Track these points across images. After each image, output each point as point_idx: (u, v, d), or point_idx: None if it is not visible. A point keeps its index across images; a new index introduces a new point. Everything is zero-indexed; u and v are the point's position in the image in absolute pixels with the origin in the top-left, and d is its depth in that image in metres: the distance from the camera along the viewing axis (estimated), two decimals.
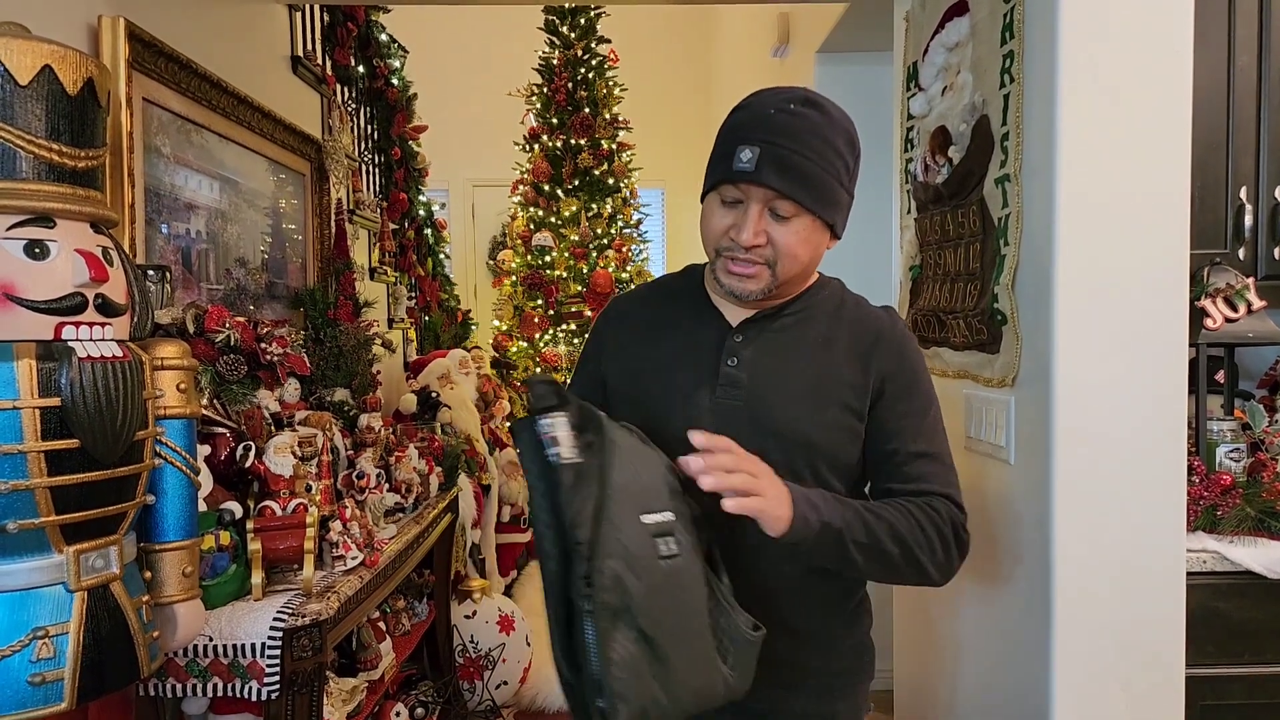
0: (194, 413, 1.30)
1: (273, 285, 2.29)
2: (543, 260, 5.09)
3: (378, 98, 3.45)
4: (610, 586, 0.89)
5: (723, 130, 1.06)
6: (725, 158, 1.02)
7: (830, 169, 1.02)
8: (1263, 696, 1.47)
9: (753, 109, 1.04)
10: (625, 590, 0.89)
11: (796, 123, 1.00)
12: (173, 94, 1.78)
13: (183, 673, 1.41)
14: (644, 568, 0.90)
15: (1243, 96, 1.78)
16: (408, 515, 2.19)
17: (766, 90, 1.06)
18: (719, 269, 1.07)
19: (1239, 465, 1.63)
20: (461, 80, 6.20)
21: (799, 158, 0.99)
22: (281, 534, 1.51)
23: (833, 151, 1.02)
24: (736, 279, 1.06)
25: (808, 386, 1.08)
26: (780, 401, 1.07)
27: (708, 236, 1.08)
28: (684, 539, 0.94)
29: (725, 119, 1.07)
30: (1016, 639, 1.46)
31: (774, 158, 0.99)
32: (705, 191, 1.08)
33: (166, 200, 1.77)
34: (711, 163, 1.06)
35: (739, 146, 1.00)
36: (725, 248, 1.05)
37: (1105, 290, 1.34)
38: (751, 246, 1.02)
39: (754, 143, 0.99)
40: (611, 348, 1.20)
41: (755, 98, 1.06)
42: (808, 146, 1.00)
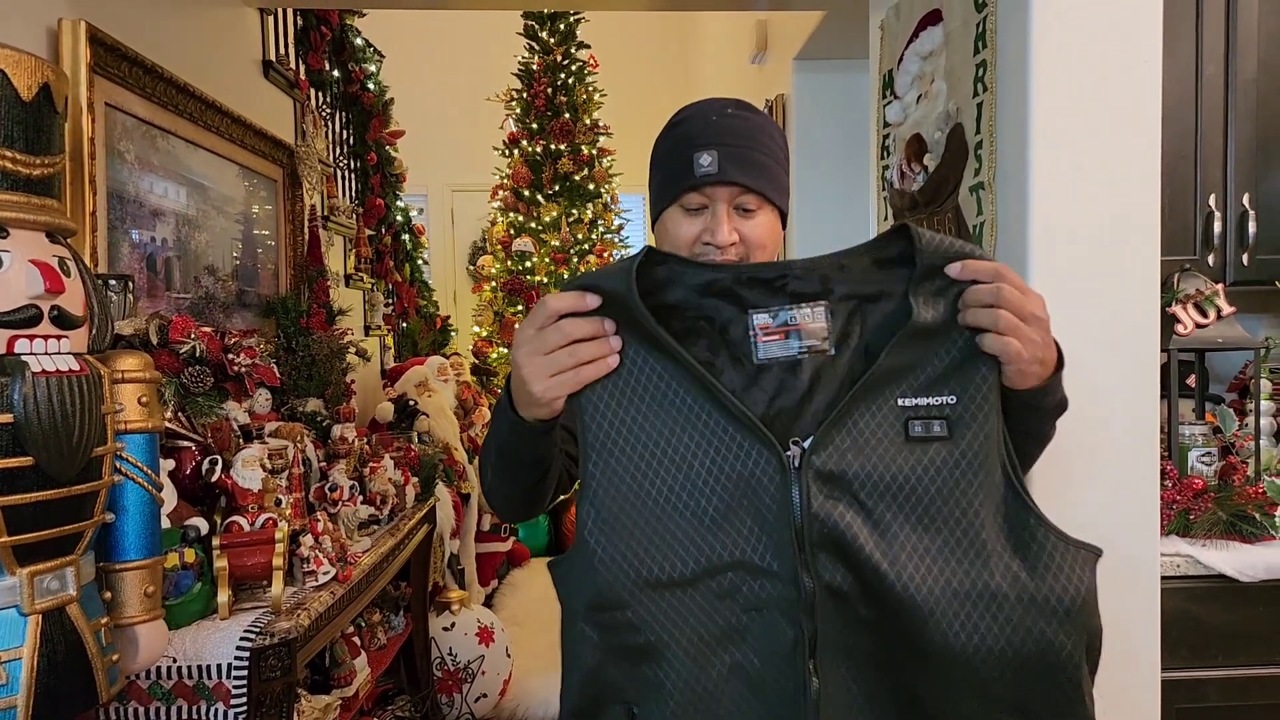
0: (156, 427, 1.27)
1: (243, 294, 2.26)
2: (523, 266, 5.07)
3: (353, 103, 3.42)
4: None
5: (666, 148, 1.06)
6: (683, 167, 1.02)
7: (779, 161, 1.06)
8: (1237, 699, 1.48)
9: (692, 120, 1.05)
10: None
11: (741, 123, 1.03)
12: (137, 99, 1.75)
13: (145, 696, 1.38)
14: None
15: (1211, 105, 1.80)
16: (383, 528, 2.16)
17: (694, 104, 1.08)
18: None
19: (1210, 469, 1.64)
20: (440, 85, 6.17)
21: (755, 154, 1.02)
22: (249, 550, 1.47)
23: (776, 146, 1.06)
24: None
25: None
26: None
27: (676, 247, 1.06)
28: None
29: (661, 140, 1.08)
30: None
31: (733, 157, 1.01)
32: (664, 208, 1.07)
33: (131, 207, 1.74)
34: (665, 179, 1.06)
35: (695, 154, 1.01)
36: (698, 254, 1.05)
37: (1078, 297, 1.34)
38: (727, 245, 1.03)
39: (709, 147, 1.01)
40: None
41: (687, 113, 1.07)
42: (758, 143, 1.03)
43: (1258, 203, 1.83)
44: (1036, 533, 0.79)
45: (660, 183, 1.07)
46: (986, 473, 0.79)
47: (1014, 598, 0.77)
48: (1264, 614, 1.48)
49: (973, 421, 0.79)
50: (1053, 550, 0.78)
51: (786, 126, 3.19)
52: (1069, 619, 0.77)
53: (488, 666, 2.83)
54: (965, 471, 0.79)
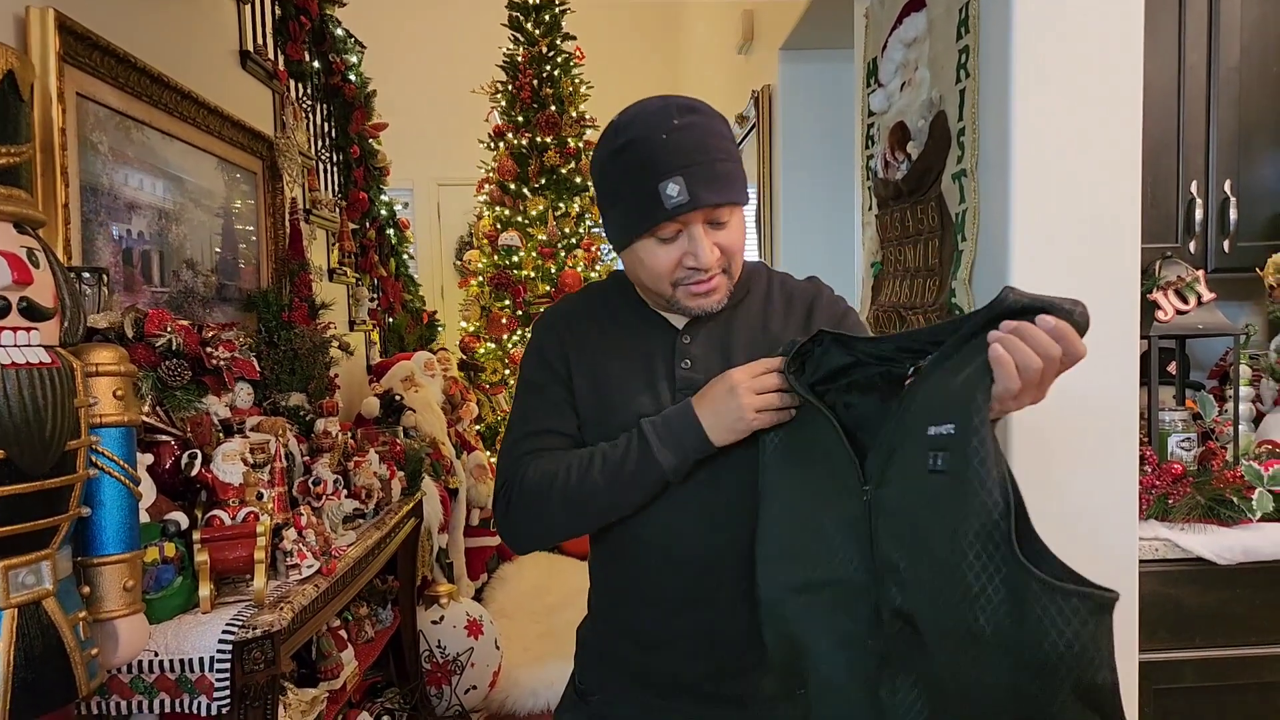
0: (132, 420, 1.25)
1: (224, 288, 2.24)
2: (510, 260, 5.04)
3: (335, 94, 3.39)
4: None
5: (621, 174, 1.01)
6: (650, 200, 0.98)
7: (734, 156, 1.04)
8: (1214, 679, 1.50)
9: (645, 143, 0.99)
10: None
11: (693, 134, 0.99)
12: (110, 89, 1.73)
13: (127, 690, 1.37)
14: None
15: (1193, 93, 1.81)
16: (368, 521, 2.15)
17: (632, 122, 1.01)
18: (680, 297, 1.06)
19: (1190, 455, 1.65)
20: (424, 78, 6.13)
21: (716, 165, 0.99)
22: (231, 544, 1.46)
23: (728, 141, 1.03)
24: (702, 299, 1.06)
25: None
26: None
27: (657, 276, 1.04)
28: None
29: (610, 163, 1.03)
30: None
31: (699, 178, 0.98)
32: (634, 239, 1.03)
33: (105, 199, 1.72)
34: (631, 212, 1.01)
35: (660, 184, 0.97)
36: (682, 278, 1.04)
37: (1059, 284, 1.34)
38: (712, 264, 1.03)
39: (672, 174, 0.97)
40: (572, 365, 1.13)
41: (633, 131, 1.00)
42: (715, 150, 1.00)
43: (1239, 190, 1.84)
44: (1020, 578, 0.77)
45: (625, 214, 1.03)
46: (979, 507, 0.78)
47: (994, 643, 0.77)
48: (1240, 596, 1.49)
49: (968, 451, 0.79)
50: (1034, 599, 0.76)
51: (773, 117, 3.19)
52: (1043, 671, 0.75)
53: (477, 659, 2.83)
54: (957, 504, 0.80)
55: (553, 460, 1.07)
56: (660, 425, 1.01)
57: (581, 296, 1.20)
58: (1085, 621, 0.74)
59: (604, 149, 1.04)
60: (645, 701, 1.12)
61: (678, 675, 1.09)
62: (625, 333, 1.13)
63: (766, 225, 3.27)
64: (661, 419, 1.02)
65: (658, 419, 1.02)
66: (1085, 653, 0.74)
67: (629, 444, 1.02)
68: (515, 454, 1.11)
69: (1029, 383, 0.79)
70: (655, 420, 1.02)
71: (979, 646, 0.78)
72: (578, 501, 1.04)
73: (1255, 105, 1.83)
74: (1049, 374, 0.80)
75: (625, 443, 1.03)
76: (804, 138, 3.08)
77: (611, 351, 1.12)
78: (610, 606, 1.16)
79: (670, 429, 1.01)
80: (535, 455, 1.09)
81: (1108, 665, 0.75)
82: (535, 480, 1.06)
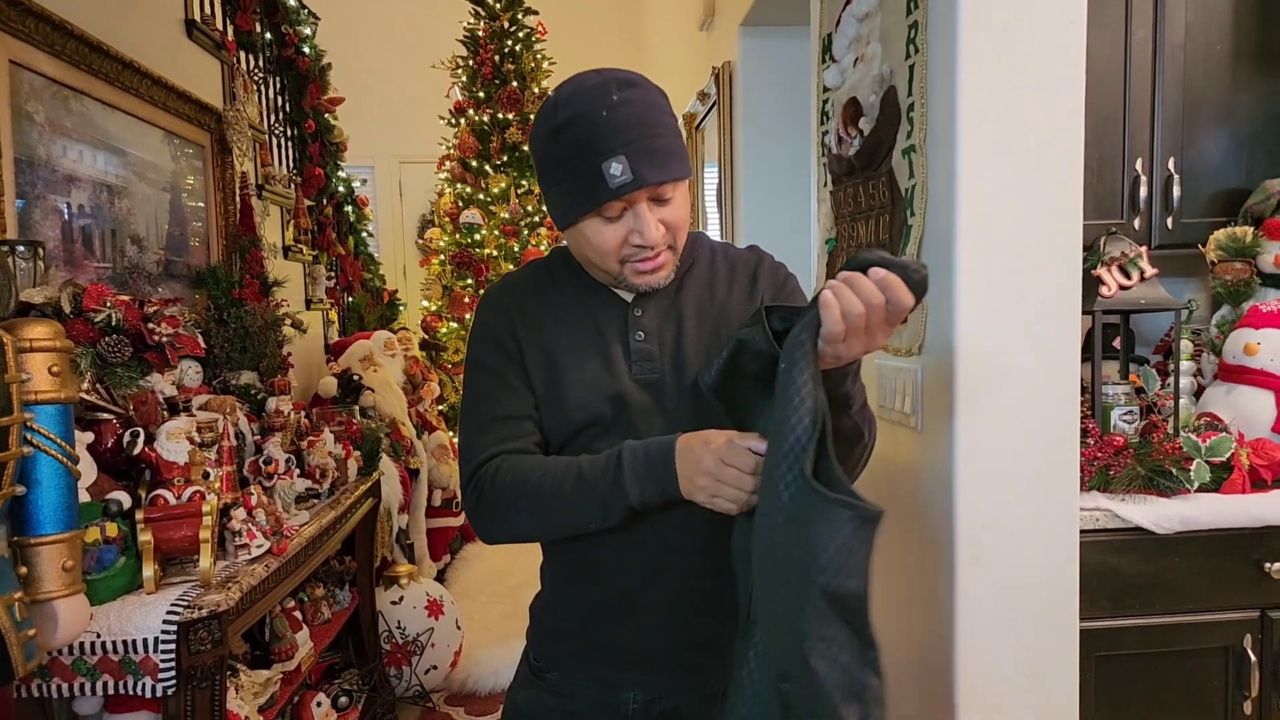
0: (70, 397, 1.22)
1: (172, 264, 2.19)
2: (472, 239, 5.00)
3: (288, 67, 3.31)
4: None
5: (563, 154, 1.00)
6: (592, 179, 0.97)
7: (675, 130, 1.03)
8: (1154, 646, 1.53)
9: (584, 121, 0.98)
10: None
11: (633, 110, 0.98)
12: (45, 57, 1.67)
13: (69, 672, 1.35)
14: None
15: (1139, 70, 1.83)
16: (323, 501, 2.13)
17: (571, 98, 1.00)
18: (628, 274, 1.05)
19: (1132, 428, 1.68)
20: (384, 52, 6.02)
21: (658, 140, 0.99)
22: (175, 524, 1.44)
23: (668, 114, 1.02)
24: (648, 275, 1.05)
25: (713, 341, 1.09)
26: (693, 362, 1.08)
27: (603, 254, 1.03)
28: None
29: (549, 141, 1.01)
30: (922, 598, 1.49)
31: (641, 155, 0.97)
32: (577, 218, 1.02)
33: (42, 172, 1.67)
34: (574, 192, 1.00)
35: (602, 163, 0.96)
36: (629, 255, 1.04)
37: (1003, 259, 1.36)
38: (658, 240, 1.02)
39: (615, 153, 0.96)
40: (524, 343, 1.11)
41: (572, 108, 0.99)
42: (656, 125, 0.99)
43: (1183, 167, 1.87)
44: (806, 492, 0.84)
45: (569, 194, 1.01)
46: (789, 429, 0.86)
47: (787, 556, 0.86)
48: (1178, 564, 1.53)
49: (787, 380, 0.87)
50: (813, 508, 0.83)
51: (733, 93, 3.18)
52: (808, 573, 0.83)
53: (437, 639, 2.83)
54: (778, 426, 0.88)
55: (525, 466, 1.05)
56: (640, 461, 1.00)
57: (526, 273, 1.18)
58: (845, 529, 0.82)
59: (543, 126, 1.02)
60: (604, 675, 1.12)
61: (638, 648, 1.10)
62: (575, 308, 1.12)
63: (728, 202, 3.27)
64: (644, 452, 1.00)
65: (640, 449, 1.00)
66: (840, 558, 0.82)
67: (605, 469, 1.01)
68: (480, 442, 1.09)
69: (854, 328, 0.86)
70: (637, 450, 1.00)
71: (780, 562, 0.87)
72: (546, 516, 1.04)
73: (1199, 83, 1.85)
74: (875, 321, 0.86)
75: (601, 466, 1.01)
76: (764, 114, 3.07)
77: (562, 327, 1.11)
78: (568, 581, 1.15)
79: (649, 468, 0.99)
80: (503, 448, 1.07)
81: (860, 574, 0.83)
82: (508, 484, 1.04)
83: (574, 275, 1.14)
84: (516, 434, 1.08)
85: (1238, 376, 1.80)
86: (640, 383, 1.08)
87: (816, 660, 0.82)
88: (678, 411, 1.07)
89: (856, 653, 0.83)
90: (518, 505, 1.04)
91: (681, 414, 1.07)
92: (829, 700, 0.82)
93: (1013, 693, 1.40)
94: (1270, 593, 1.54)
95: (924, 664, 1.49)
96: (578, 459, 1.04)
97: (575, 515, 1.03)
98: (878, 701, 0.84)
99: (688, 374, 1.08)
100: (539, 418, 1.10)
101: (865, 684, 0.83)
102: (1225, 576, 1.54)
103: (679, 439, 0.99)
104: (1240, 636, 1.54)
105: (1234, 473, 1.58)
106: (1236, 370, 1.80)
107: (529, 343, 1.10)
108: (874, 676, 0.84)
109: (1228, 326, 1.90)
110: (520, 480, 1.04)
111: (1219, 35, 1.85)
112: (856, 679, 0.83)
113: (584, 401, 1.07)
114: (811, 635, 0.82)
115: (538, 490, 1.03)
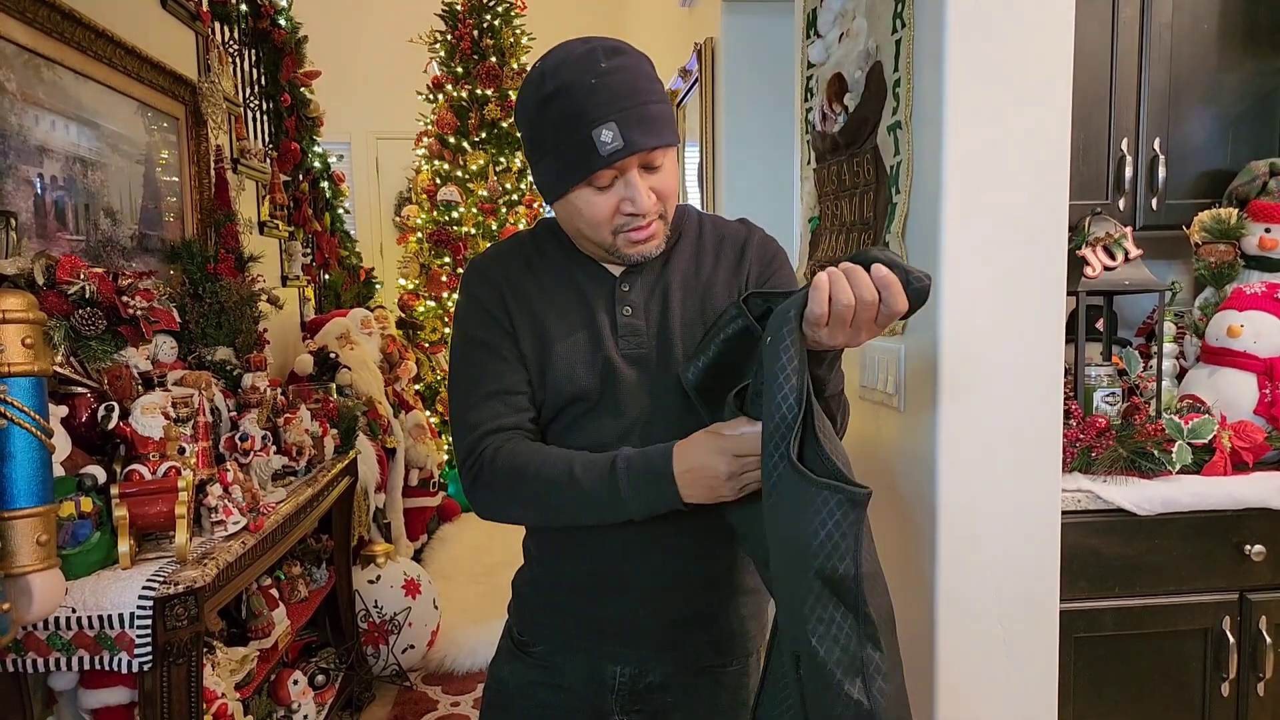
0: (43, 370, 1.20)
1: (146, 238, 2.14)
2: (450, 216, 4.95)
3: (263, 39, 3.25)
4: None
5: (551, 121, 0.99)
6: (584, 148, 0.97)
7: (664, 98, 1.02)
8: (1132, 627, 1.54)
9: (574, 89, 0.97)
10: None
11: (622, 77, 0.98)
12: (16, 23, 1.62)
13: (44, 647, 1.33)
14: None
15: (1126, 50, 1.83)
16: (299, 479, 2.11)
17: (559, 67, 0.99)
18: (620, 244, 1.04)
19: (1114, 409, 1.69)
20: (362, 26, 5.92)
21: (648, 107, 0.98)
22: (151, 499, 1.42)
23: (656, 82, 1.02)
24: (641, 245, 1.04)
25: (699, 316, 1.09)
26: (680, 338, 1.08)
27: (596, 225, 1.02)
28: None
29: (539, 110, 1.00)
30: (904, 578, 1.50)
31: (632, 122, 0.96)
32: (569, 188, 1.01)
33: (14, 142, 1.62)
34: (565, 161, 0.99)
35: (593, 131, 0.96)
36: (621, 225, 1.03)
37: (988, 238, 1.36)
38: (650, 209, 1.01)
39: (605, 120, 0.95)
40: (514, 316, 1.10)
41: (561, 77, 0.98)
42: (644, 92, 0.99)
43: (1168, 148, 1.87)
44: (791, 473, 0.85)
45: (558, 164, 1.00)
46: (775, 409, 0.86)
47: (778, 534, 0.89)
48: (1159, 546, 1.54)
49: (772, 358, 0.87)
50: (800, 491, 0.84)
51: (715, 70, 3.15)
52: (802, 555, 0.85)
53: (414, 618, 2.82)
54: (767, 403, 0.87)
55: (523, 458, 1.04)
56: (639, 476, 0.99)
57: (511, 246, 1.16)
58: (834, 514, 0.82)
59: (530, 96, 1.01)
60: (591, 649, 1.12)
61: (625, 622, 1.10)
62: (562, 281, 1.11)
63: (710, 180, 3.25)
64: (642, 464, 0.99)
65: (637, 460, 0.99)
66: (832, 541, 0.82)
67: (601, 478, 1.00)
68: (477, 417, 1.07)
69: (839, 317, 0.85)
70: (634, 461, 0.99)
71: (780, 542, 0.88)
72: (541, 513, 1.06)
73: (1186, 63, 1.86)
74: (864, 319, 0.86)
75: (597, 475, 1.00)
76: (747, 91, 3.04)
77: (550, 301, 1.10)
78: (555, 557, 1.15)
79: (646, 483, 0.98)
80: (500, 423, 1.06)
81: (850, 556, 0.83)
82: (504, 472, 1.04)
83: (561, 249, 1.13)
84: (514, 408, 1.08)
85: (1220, 359, 1.80)
86: (627, 357, 1.07)
87: (817, 640, 0.83)
88: (663, 387, 1.07)
89: (855, 629, 0.84)
90: (513, 496, 1.05)
91: (667, 389, 1.06)
92: (832, 677, 0.83)
93: (992, 673, 1.41)
94: (1249, 575, 1.56)
95: (904, 643, 1.48)
96: (571, 460, 1.02)
97: (571, 516, 1.04)
98: (881, 673, 0.84)
99: (673, 349, 1.08)
100: (532, 392, 1.09)
101: (867, 658, 0.84)
102: (1205, 558, 1.55)
103: (675, 461, 0.98)
104: (1219, 618, 1.55)
105: (1216, 455, 1.59)
106: (1219, 352, 1.81)
107: (519, 315, 1.09)
108: (874, 650, 0.84)
109: (1211, 309, 1.91)
110: (517, 471, 1.03)
111: (1206, 14, 1.85)
112: (856, 654, 0.83)
113: (571, 375, 1.06)
114: (811, 617, 0.83)
115: (533, 487, 1.03)
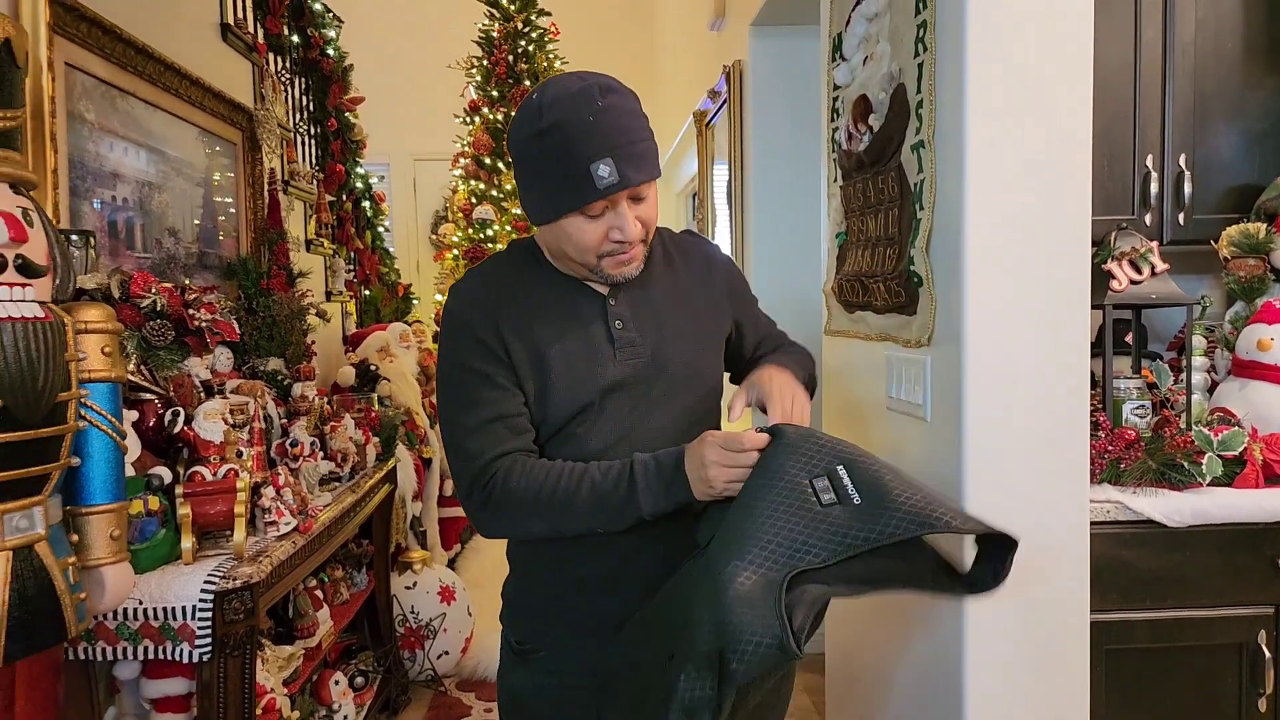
0: (119, 377, 1.29)
1: (204, 255, 2.26)
2: (484, 234, 5.06)
3: (313, 68, 3.39)
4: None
5: (550, 154, 1.05)
6: (581, 180, 1.03)
7: (650, 135, 1.10)
8: (1164, 640, 1.53)
9: (572, 126, 1.03)
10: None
11: (616, 116, 1.04)
12: (97, 59, 1.74)
13: (113, 636, 1.41)
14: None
15: (1149, 67, 1.85)
16: (343, 484, 2.20)
17: (555, 103, 1.04)
18: (605, 267, 1.11)
19: (1144, 422, 1.69)
20: (402, 53, 6.10)
21: (640, 145, 1.06)
22: (212, 499, 1.51)
23: (643, 119, 1.09)
24: (624, 268, 1.13)
25: (685, 325, 1.20)
26: (673, 346, 1.17)
27: (584, 250, 1.09)
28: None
29: (536, 143, 1.06)
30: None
31: (626, 159, 1.04)
32: (561, 215, 1.08)
33: (91, 167, 1.74)
34: (560, 189, 1.05)
35: (591, 165, 1.02)
36: (608, 250, 1.10)
37: (1012, 252, 1.38)
38: (635, 237, 1.10)
39: (603, 156, 1.02)
40: (507, 340, 1.12)
41: (558, 113, 1.04)
42: (637, 130, 1.07)
43: (1194, 164, 1.88)
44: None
45: (553, 192, 1.07)
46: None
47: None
48: (1190, 558, 1.52)
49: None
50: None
51: (743, 92, 3.23)
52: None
53: (449, 624, 2.89)
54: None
55: (538, 475, 1.09)
56: (653, 476, 1.07)
57: (492, 269, 1.20)
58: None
59: (526, 129, 1.06)
60: (595, 647, 1.14)
61: (626, 618, 1.13)
62: (553, 301, 1.16)
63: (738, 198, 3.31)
64: (655, 465, 1.07)
65: (651, 463, 1.08)
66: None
67: (619, 480, 1.07)
68: (479, 445, 1.11)
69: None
70: (649, 464, 1.07)
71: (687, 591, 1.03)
72: (558, 523, 1.11)
73: (1211, 79, 1.87)
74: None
75: (615, 478, 1.07)
76: (774, 112, 3.11)
77: (545, 320, 1.14)
78: (553, 559, 1.18)
79: (661, 479, 1.06)
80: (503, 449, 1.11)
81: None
82: (520, 490, 1.09)
83: (542, 269, 1.18)
84: (515, 430, 1.13)
85: (1251, 372, 1.79)
86: (627, 366, 1.14)
87: (678, 677, 0.93)
88: (662, 393, 1.14)
89: (708, 682, 0.93)
90: (530, 511, 1.09)
91: (666, 396, 1.14)
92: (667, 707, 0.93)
93: (1023, 684, 1.39)
94: None
95: (933, 654, 1.50)
96: (588, 469, 1.09)
97: (586, 523, 1.09)
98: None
99: (668, 356, 1.16)
100: (528, 416, 1.14)
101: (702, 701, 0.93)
102: (1239, 571, 1.52)
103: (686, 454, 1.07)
104: (1255, 633, 1.52)
105: (1247, 467, 1.57)
106: (1250, 366, 1.79)
107: (513, 338, 1.12)
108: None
109: (1241, 322, 1.89)
110: (534, 485, 1.09)
111: (1229, 33, 1.87)
112: (697, 699, 0.93)
113: (573, 392, 1.11)
114: (680, 658, 0.94)
115: (550, 500, 1.08)
